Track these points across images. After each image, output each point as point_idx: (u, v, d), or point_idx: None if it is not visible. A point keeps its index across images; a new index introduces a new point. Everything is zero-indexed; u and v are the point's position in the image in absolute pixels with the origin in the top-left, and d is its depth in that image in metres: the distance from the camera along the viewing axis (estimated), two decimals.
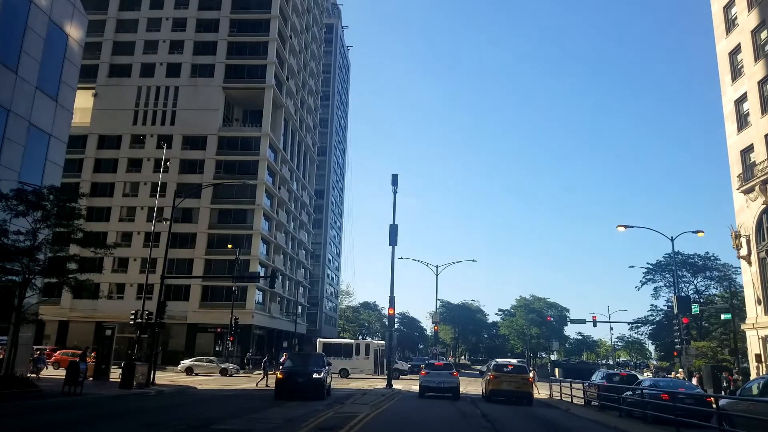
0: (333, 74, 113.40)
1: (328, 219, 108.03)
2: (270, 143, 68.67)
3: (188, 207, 66.08)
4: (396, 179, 34.58)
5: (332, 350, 52.26)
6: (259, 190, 65.77)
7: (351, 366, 50.55)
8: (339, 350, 52.60)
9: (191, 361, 49.37)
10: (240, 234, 64.95)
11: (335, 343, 55.60)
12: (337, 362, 50.71)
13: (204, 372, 47.69)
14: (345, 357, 51.41)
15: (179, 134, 67.69)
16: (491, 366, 26.95)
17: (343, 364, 50.68)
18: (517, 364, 27.24)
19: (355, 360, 51.15)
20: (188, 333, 63.07)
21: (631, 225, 35.10)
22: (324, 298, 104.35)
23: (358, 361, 50.97)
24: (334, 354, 51.90)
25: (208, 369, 47.92)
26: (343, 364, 50.71)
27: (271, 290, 69.08)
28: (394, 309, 32.11)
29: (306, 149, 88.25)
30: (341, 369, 50.36)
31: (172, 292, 64.05)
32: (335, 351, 52.38)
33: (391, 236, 33.19)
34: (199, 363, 48.61)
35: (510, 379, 25.35)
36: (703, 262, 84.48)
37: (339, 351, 52.39)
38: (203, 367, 48.07)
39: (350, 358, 51.36)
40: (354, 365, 50.53)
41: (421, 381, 27.22)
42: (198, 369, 47.78)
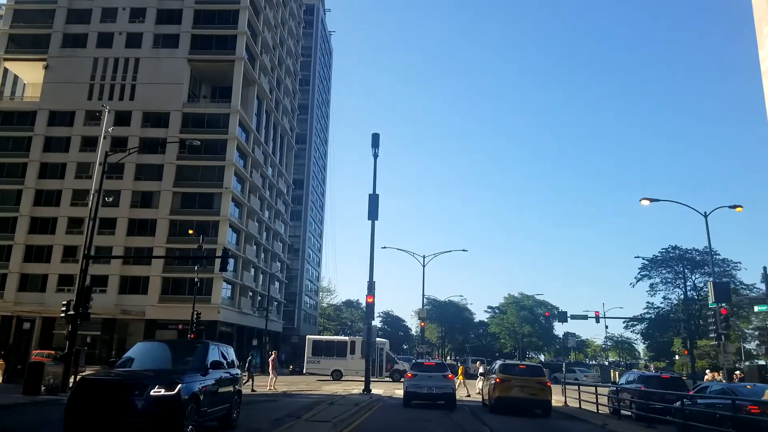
0: (314, 58, 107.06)
1: (307, 210, 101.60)
2: (240, 121, 62.30)
3: (148, 190, 59.71)
4: (377, 140, 28.58)
5: (324, 349, 46.69)
6: (227, 172, 59.39)
7: (345, 367, 44.42)
8: (331, 349, 46.65)
9: None
10: (206, 220, 58.53)
11: (327, 341, 49.46)
12: (329, 363, 45.36)
13: None
14: (338, 357, 45.33)
15: (139, 110, 61.15)
16: (497, 367, 21.03)
17: (336, 364, 44.74)
18: (531, 365, 21.50)
19: (349, 360, 44.96)
20: (146, 330, 56.44)
21: (658, 198, 29.39)
22: (303, 294, 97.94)
23: (353, 361, 44.70)
24: (325, 353, 46.38)
25: None
26: (335, 364, 44.77)
27: (241, 283, 62.76)
28: (373, 296, 26.12)
29: (283, 133, 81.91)
30: (334, 370, 44.65)
31: (129, 284, 57.74)
32: (327, 350, 46.65)
33: (371, 209, 27.19)
34: None
35: (523, 383, 19.48)
36: (701, 257, 79.18)
37: (331, 350, 46.49)
38: None
39: (344, 358, 45.11)
40: (348, 366, 44.47)
41: (407, 385, 21.27)
42: None
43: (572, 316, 53.26)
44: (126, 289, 57.66)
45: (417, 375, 21.21)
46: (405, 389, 21.32)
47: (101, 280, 57.24)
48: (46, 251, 58.45)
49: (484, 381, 22.87)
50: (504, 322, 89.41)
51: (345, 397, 23.24)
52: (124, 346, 57.48)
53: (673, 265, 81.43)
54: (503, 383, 19.54)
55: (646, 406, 19.24)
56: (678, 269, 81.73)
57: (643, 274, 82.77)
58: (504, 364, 20.98)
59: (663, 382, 20.61)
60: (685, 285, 64.10)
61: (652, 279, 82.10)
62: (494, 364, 22.74)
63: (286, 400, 22.75)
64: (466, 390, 29.23)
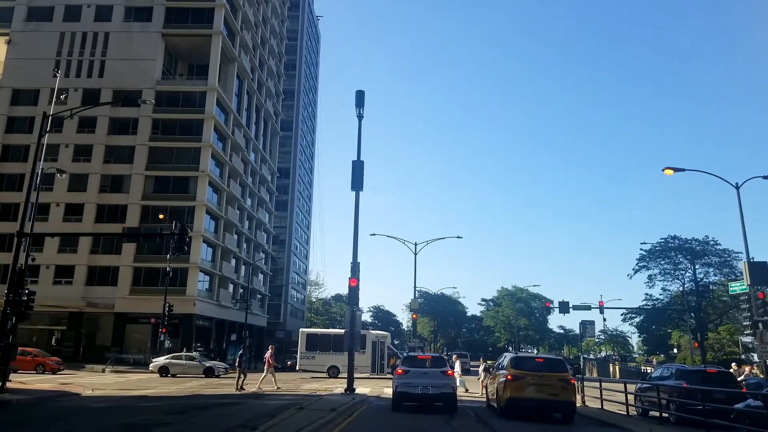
0: (300, 42, 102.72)
1: (294, 200, 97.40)
2: (219, 100, 58.06)
3: (118, 174, 55.40)
4: (362, 98, 24.61)
5: (319, 343, 41.85)
6: (204, 153, 55.16)
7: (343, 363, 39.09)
8: (327, 343, 41.57)
9: (166, 359, 38.98)
10: (181, 206, 54.27)
11: (322, 335, 44.38)
12: (325, 358, 40.67)
13: (183, 372, 37.70)
14: (335, 351, 40.04)
15: (109, 88, 56.67)
16: (507, 360, 17.15)
17: (333, 360, 39.97)
18: (550, 358, 17.47)
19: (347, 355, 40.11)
20: (116, 324, 52.30)
21: (683, 168, 25.64)
22: (290, 287, 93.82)
23: None
24: (321, 348, 41.59)
25: (189, 369, 37.98)
26: (332, 360, 40.02)
27: (220, 274, 58.62)
28: (357, 280, 22.20)
29: (267, 117, 77.65)
30: (330, 367, 40.06)
31: (97, 275, 53.52)
32: (322, 344, 41.78)
33: (355, 177, 23.25)
34: (176, 361, 38.42)
35: (541, 380, 15.66)
36: (701, 247, 75.78)
37: (327, 344, 41.43)
38: (181, 366, 38.06)
39: (341, 353, 39.90)
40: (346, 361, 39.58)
41: (396, 384, 17.37)
42: (175, 369, 37.81)
43: (574, 306, 49.74)
44: (94, 280, 53.43)
45: (409, 371, 17.33)
46: (394, 389, 17.44)
47: (67, 271, 53.04)
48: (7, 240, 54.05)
49: (489, 378, 18.95)
50: (499, 315, 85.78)
51: (322, 398, 19.35)
52: (93, 343, 53.46)
53: (672, 255, 78.19)
54: (516, 381, 15.70)
55: (690, 407, 15.55)
56: (677, 260, 78.51)
57: (641, 265, 79.35)
58: (517, 357, 17.07)
59: (708, 378, 16.92)
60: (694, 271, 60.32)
61: (651, 270, 78.67)
62: (502, 358, 18.74)
63: (250, 404, 18.86)
64: None
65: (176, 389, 26.80)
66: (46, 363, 37.52)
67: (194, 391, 25.98)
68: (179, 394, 24.34)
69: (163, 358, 39.05)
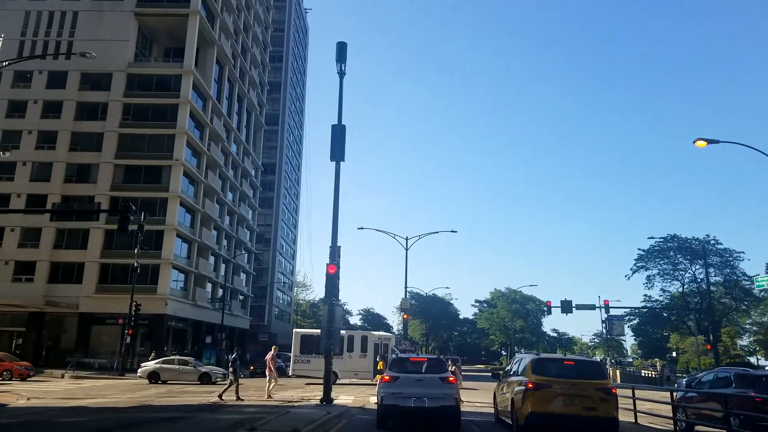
0: (287, 33, 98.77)
1: (280, 197, 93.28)
2: (195, 85, 54.05)
3: (85, 162, 51.21)
4: (344, 52, 20.73)
5: (314, 345, 35.16)
6: (178, 141, 51.08)
7: (341, 368, 33.93)
8: None
9: (156, 363, 34.67)
10: (152, 197, 50.17)
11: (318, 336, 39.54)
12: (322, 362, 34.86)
13: (175, 378, 33.35)
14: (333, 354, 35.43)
15: (77, 71, 52.60)
16: (526, 363, 13.22)
17: None
18: (582, 360, 13.51)
19: (346, 359, 35.04)
20: (81, 325, 48.06)
21: (717, 140, 22.03)
22: (275, 288, 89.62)
23: (351, 360, 35.17)
24: (317, 351, 36.14)
25: (182, 374, 33.56)
26: None
27: (196, 272, 54.44)
28: (337, 266, 18.32)
29: (250, 108, 73.64)
30: None
31: (61, 272, 49.24)
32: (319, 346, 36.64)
33: (335, 144, 19.41)
34: (168, 366, 34.02)
35: (572, 390, 11.87)
36: (701, 247, 72.64)
37: None
38: (173, 371, 33.68)
39: (340, 357, 34.52)
40: (345, 366, 34.78)
41: (383, 394, 13.47)
42: (166, 374, 33.51)
43: (577, 306, 46.02)
44: (57, 277, 49.16)
45: (399, 378, 13.46)
46: (379, 401, 13.57)
47: (27, 267, 48.78)
48: None
49: (503, 386, 15.04)
50: (494, 317, 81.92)
51: (289, 413, 15.40)
52: (57, 346, 49.19)
53: (671, 255, 75.08)
54: (540, 390, 11.87)
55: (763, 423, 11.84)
56: (677, 260, 75.37)
57: (639, 265, 76.32)
58: (539, 359, 13.05)
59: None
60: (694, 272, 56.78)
61: (649, 270, 75.61)
62: (518, 360, 14.66)
63: (197, 419, 14.98)
64: None
65: (128, 398, 22.87)
66: (14, 369, 33.55)
67: (147, 401, 22.01)
68: (127, 404, 20.46)
69: (153, 363, 34.81)
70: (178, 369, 33.90)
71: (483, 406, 20.92)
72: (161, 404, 20.77)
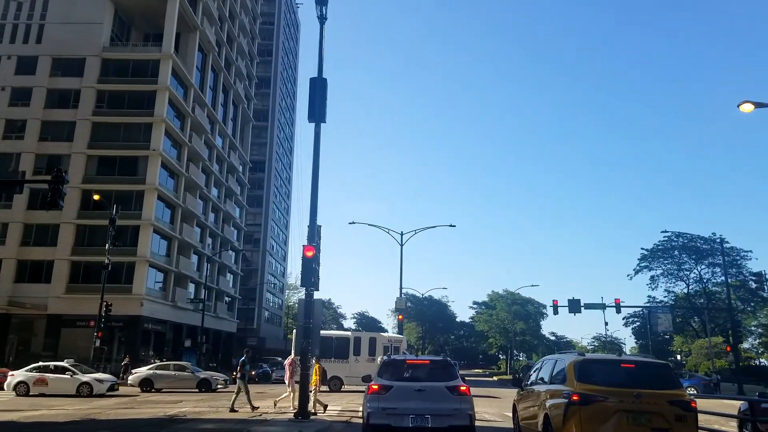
0: (277, 26, 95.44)
1: (270, 196, 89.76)
2: (175, 71, 50.62)
3: (56, 153, 47.66)
4: None
5: None
6: (156, 130, 47.61)
7: (346, 373, 30.65)
8: (328, 348, 31.26)
9: (149, 369, 30.93)
10: (128, 190, 46.71)
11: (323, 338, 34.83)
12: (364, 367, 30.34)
13: (170, 386, 29.50)
14: (337, 359, 31.40)
15: (47, 56, 49.16)
16: (564, 367, 9.67)
17: (335, 369, 30.68)
18: (644, 361, 9.70)
19: (353, 363, 31.05)
20: (49, 327, 44.50)
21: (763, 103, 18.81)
22: (264, 290, 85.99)
23: (358, 364, 30.89)
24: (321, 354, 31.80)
25: (178, 381, 29.64)
26: (332, 369, 30.46)
27: (176, 271, 50.85)
28: (315, 249, 14.85)
29: (237, 100, 70.17)
30: (331, 378, 30.46)
31: (28, 271, 45.59)
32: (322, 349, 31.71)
33: (313, 102, 15.99)
34: (162, 372, 30.30)
35: (638, 405, 8.40)
36: (708, 246, 69.65)
37: (327, 349, 31.14)
38: (169, 378, 29.90)
39: (345, 361, 31.29)
40: (351, 371, 30.62)
41: (370, 409, 9.94)
42: (161, 382, 29.76)
43: (586, 305, 42.68)
44: (24, 276, 45.58)
45: (392, 388, 10.00)
46: (365, 418, 10.10)
47: None
48: None
49: (527, 396, 11.51)
50: (493, 319, 78.41)
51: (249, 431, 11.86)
52: (27, 349, 45.45)
53: (675, 255, 72.16)
54: (591, 405, 8.42)
55: None
56: (681, 259, 72.43)
57: (642, 265, 73.23)
58: (586, 361, 9.47)
59: None
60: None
61: (653, 271, 72.63)
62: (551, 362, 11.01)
63: None
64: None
65: (75, 410, 19.40)
66: None
67: (95, 413, 18.49)
68: (68, 418, 17.02)
69: (146, 369, 31.16)
70: (174, 375, 30.08)
71: (495, 420, 17.47)
72: (107, 418, 17.30)
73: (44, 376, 26.07)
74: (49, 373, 26.19)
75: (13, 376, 26.22)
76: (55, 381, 25.95)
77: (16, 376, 26.18)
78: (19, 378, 26.03)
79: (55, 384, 25.87)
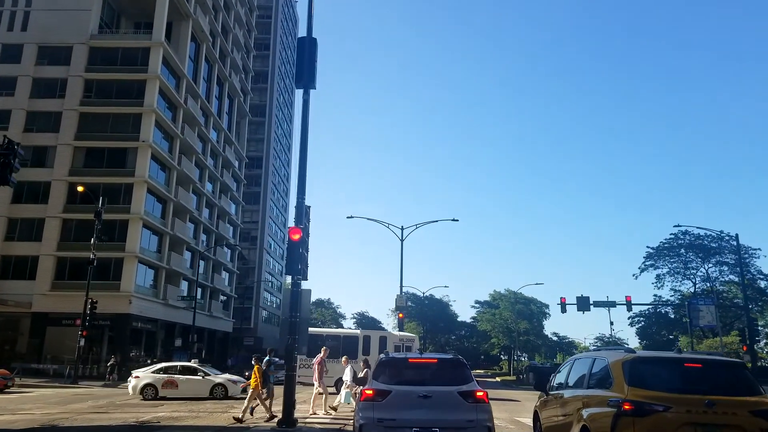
0: (274, 19, 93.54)
1: (267, 193, 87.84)
2: (166, 60, 48.68)
3: (41, 145, 45.69)
4: None
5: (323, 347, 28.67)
6: (145, 120, 45.65)
7: None
8: (335, 348, 28.47)
9: (152, 372, 25.14)
10: (116, 183, 44.77)
11: (329, 336, 32.12)
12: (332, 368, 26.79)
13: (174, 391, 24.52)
14: None
15: (33, 43, 47.25)
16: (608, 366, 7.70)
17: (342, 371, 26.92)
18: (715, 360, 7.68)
19: None
20: (34, 326, 42.52)
21: None
22: (262, 289, 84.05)
23: None
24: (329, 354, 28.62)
25: (188, 387, 24.56)
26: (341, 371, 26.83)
27: (168, 267, 48.87)
28: (302, 232, 12.92)
29: (232, 93, 68.22)
30: (338, 380, 26.89)
31: (12, 267, 43.68)
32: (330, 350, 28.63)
33: (301, 67, 14.15)
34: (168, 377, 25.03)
35: (711, 417, 6.44)
36: (716, 244, 67.72)
37: (335, 349, 28.05)
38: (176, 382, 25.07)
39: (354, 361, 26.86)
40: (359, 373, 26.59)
41: (362, 420, 7.95)
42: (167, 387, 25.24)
43: (595, 303, 40.74)
44: (8, 272, 43.67)
45: (390, 393, 8.03)
46: (358, 427, 8.12)
47: None
48: None
49: (554, 401, 9.53)
50: (496, 318, 76.37)
51: None
52: (12, 349, 43.50)
53: (682, 253, 70.37)
54: (650, 417, 6.48)
55: None
56: (687, 258, 70.63)
57: (648, 264, 71.45)
58: (639, 359, 7.33)
59: None
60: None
61: (659, 269, 70.84)
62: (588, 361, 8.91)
63: None
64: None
65: (43, 414, 17.64)
66: None
67: (62, 419, 16.60)
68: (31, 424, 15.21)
69: (148, 372, 25.44)
70: (181, 380, 25.05)
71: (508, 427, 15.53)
72: (72, 425, 15.37)
73: (173, 377, 24.19)
74: (177, 374, 24.42)
75: (139, 378, 23.95)
76: (186, 383, 24.12)
77: (143, 378, 24.02)
78: (147, 380, 23.96)
79: (185, 386, 24.02)
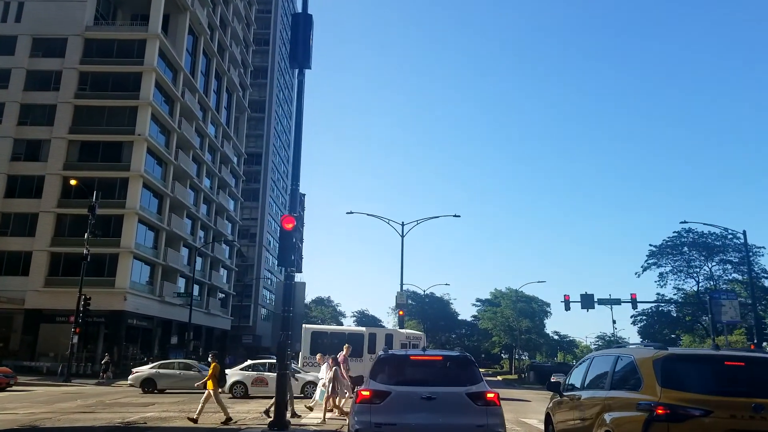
0: (274, 14, 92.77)
1: (267, 190, 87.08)
2: (163, 52, 47.82)
3: (35, 138, 44.89)
4: None
5: (328, 345, 28.38)
6: (141, 114, 44.81)
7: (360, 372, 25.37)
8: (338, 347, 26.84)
9: (151, 368, 27.62)
10: (111, 177, 43.89)
11: (332, 333, 32.04)
12: None
13: (173, 386, 26.24)
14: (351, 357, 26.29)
15: (27, 35, 46.40)
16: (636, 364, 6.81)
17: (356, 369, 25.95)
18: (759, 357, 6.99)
19: (367, 362, 24.82)
20: (27, 323, 41.73)
21: None
22: (261, 286, 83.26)
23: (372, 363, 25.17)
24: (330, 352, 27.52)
25: (183, 381, 26.08)
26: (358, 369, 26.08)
27: (164, 264, 48.10)
28: (295, 220, 11.97)
29: (231, 88, 67.39)
30: None
31: (5, 262, 42.86)
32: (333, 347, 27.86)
33: (295, 44, 13.46)
34: (166, 371, 27.04)
35: (760, 425, 5.64)
36: (720, 242, 66.87)
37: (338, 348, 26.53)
38: (173, 378, 26.59)
39: (359, 359, 27.59)
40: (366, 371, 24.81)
41: (358, 426, 7.14)
42: (164, 381, 26.46)
43: (600, 300, 39.91)
44: (1, 268, 42.94)
45: (390, 395, 7.20)
46: None
47: None
48: None
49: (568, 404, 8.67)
50: (498, 316, 75.61)
51: None
52: (7, 347, 42.71)
53: (685, 251, 69.54)
54: (689, 423, 5.66)
55: None
56: (691, 256, 69.80)
57: (651, 262, 70.63)
58: (673, 356, 6.34)
59: None
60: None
61: (662, 267, 69.98)
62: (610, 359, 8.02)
63: None
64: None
65: (26, 414, 16.85)
66: None
67: (44, 419, 15.80)
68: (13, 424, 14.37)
69: (148, 368, 27.97)
70: (179, 375, 26.70)
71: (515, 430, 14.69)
72: (55, 425, 14.57)
73: (263, 375, 23.68)
74: (267, 372, 23.77)
75: (228, 376, 23.19)
76: None
77: (232, 376, 23.50)
78: (236, 378, 23.59)
79: None
